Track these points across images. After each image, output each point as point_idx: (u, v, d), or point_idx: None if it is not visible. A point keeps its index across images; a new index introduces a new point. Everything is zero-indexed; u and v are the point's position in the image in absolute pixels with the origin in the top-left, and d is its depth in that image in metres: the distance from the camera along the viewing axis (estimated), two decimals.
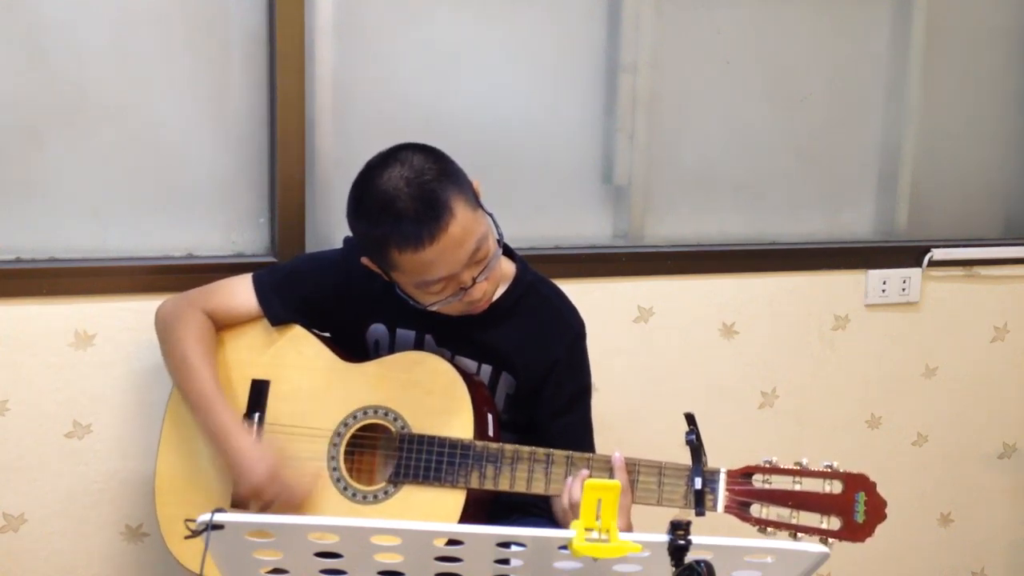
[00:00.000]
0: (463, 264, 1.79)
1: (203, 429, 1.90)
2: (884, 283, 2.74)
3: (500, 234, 1.87)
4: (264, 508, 1.84)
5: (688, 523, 1.19)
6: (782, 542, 1.24)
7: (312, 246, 2.27)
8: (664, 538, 1.19)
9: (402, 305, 1.94)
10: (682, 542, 1.18)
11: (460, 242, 1.77)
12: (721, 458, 1.77)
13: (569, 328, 2.00)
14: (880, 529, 1.72)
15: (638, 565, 1.23)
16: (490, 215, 1.85)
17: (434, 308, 1.84)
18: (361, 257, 1.88)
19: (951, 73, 2.83)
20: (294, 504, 1.84)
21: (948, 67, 2.82)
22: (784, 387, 2.71)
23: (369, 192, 1.80)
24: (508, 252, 2.00)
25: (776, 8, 2.65)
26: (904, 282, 2.76)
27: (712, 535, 1.21)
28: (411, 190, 1.76)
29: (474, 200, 1.82)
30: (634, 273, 2.53)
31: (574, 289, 2.10)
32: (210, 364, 1.92)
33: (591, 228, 2.57)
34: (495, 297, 1.94)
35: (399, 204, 1.75)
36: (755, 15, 2.63)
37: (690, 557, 1.19)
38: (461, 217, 1.77)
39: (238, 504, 1.87)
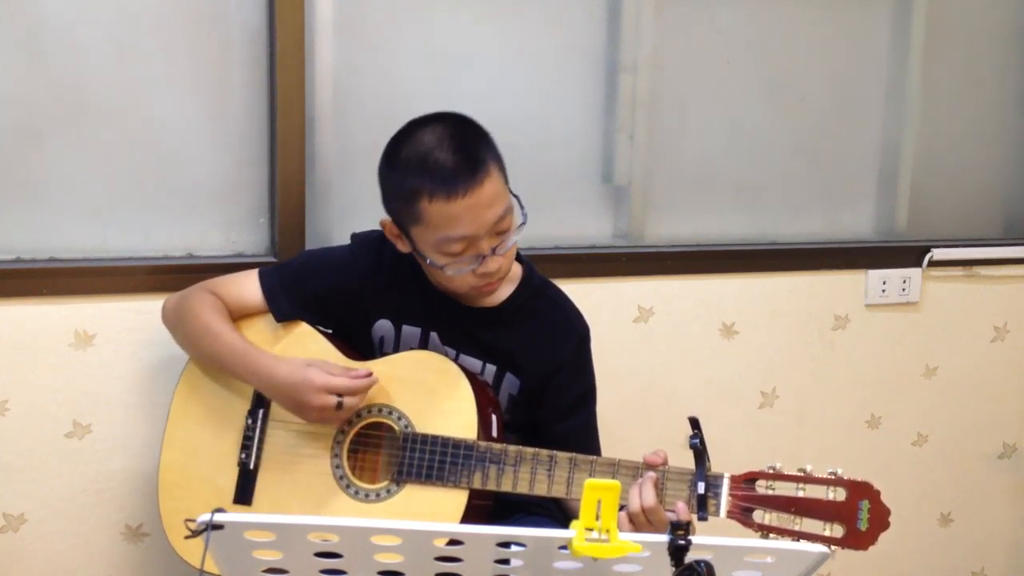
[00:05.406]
0: (487, 228, 1.80)
1: (246, 380, 1.90)
2: (884, 283, 2.74)
3: (524, 215, 1.87)
4: (339, 405, 1.82)
5: (688, 523, 1.19)
6: (782, 542, 1.24)
7: (312, 246, 2.26)
8: (664, 538, 1.19)
9: (408, 301, 1.95)
10: (682, 542, 1.18)
11: (490, 203, 1.79)
12: (721, 457, 1.77)
13: (575, 331, 2.00)
14: None
15: (638, 565, 1.23)
16: (516, 197, 1.87)
17: (448, 273, 1.83)
18: (383, 220, 1.89)
19: (951, 73, 2.83)
20: (363, 390, 1.84)
21: (948, 67, 2.82)
22: (784, 387, 2.71)
23: (408, 144, 1.83)
24: (515, 254, 2.00)
25: (776, 8, 2.65)
26: (904, 282, 2.76)
27: (712, 535, 1.21)
28: (453, 143, 1.79)
29: (505, 174, 1.85)
30: (634, 273, 2.53)
31: (574, 289, 2.10)
32: (232, 326, 1.93)
33: (591, 228, 2.57)
34: (502, 298, 1.95)
35: (438, 154, 1.78)
36: (755, 15, 2.63)
37: (690, 557, 1.19)
38: (495, 180, 1.80)
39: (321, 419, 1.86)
